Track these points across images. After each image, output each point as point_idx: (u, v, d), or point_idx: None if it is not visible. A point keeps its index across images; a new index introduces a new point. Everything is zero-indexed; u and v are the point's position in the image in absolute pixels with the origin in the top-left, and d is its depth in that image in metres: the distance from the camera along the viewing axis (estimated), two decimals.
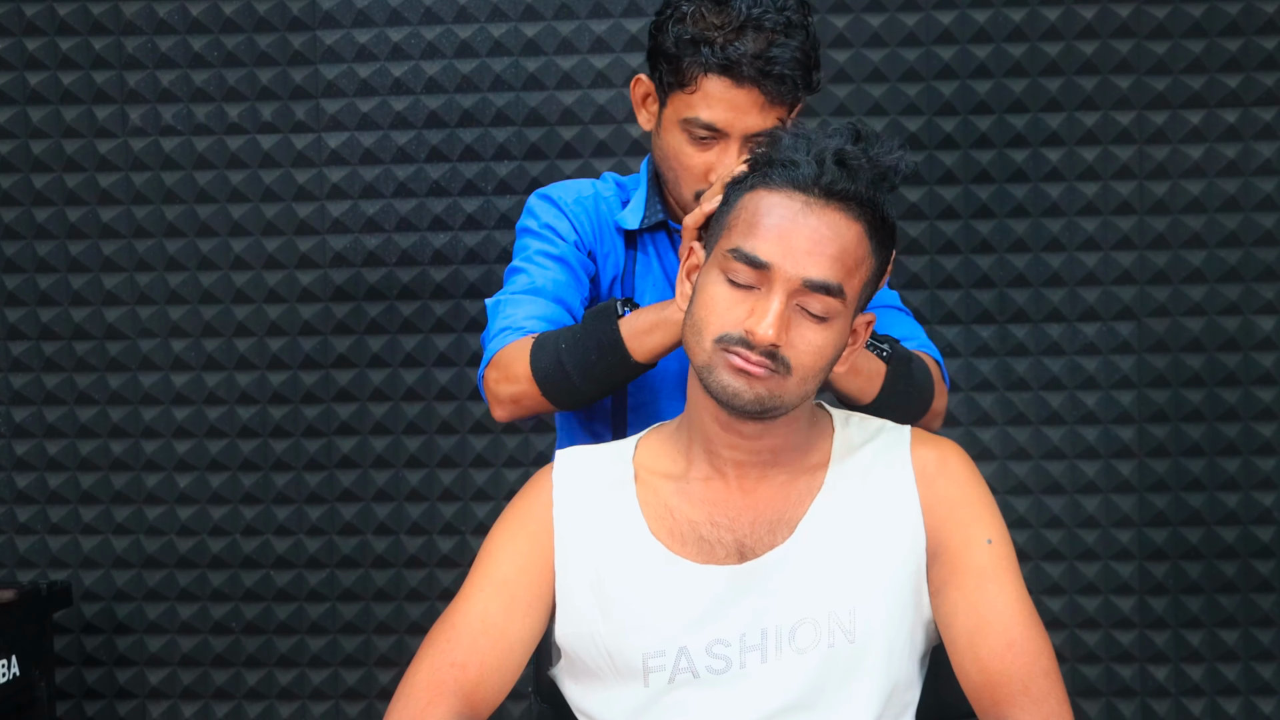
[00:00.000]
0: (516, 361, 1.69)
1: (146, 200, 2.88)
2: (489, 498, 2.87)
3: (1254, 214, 2.75)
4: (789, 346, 1.40)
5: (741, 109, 1.68)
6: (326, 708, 2.92)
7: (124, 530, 2.93)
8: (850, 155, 1.41)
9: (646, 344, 1.64)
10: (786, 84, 1.67)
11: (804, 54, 1.69)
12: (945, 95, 2.77)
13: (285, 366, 2.89)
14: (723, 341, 1.40)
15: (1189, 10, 2.72)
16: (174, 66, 2.85)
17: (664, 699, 1.46)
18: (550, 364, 1.66)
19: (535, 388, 1.67)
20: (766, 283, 1.40)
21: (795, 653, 1.44)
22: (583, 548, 1.49)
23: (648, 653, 1.45)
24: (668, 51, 1.72)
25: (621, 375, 1.67)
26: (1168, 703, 2.80)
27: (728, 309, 1.41)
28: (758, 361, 1.39)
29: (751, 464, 1.49)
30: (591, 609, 1.48)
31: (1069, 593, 2.81)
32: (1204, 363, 2.78)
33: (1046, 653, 1.44)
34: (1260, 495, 2.78)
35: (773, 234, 1.40)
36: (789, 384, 1.41)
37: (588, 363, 1.65)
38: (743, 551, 1.46)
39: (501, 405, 1.72)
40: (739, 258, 1.40)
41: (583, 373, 1.65)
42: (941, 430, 2.76)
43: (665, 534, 1.48)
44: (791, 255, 1.39)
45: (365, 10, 2.83)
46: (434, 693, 1.43)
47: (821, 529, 1.47)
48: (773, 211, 1.41)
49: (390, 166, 2.84)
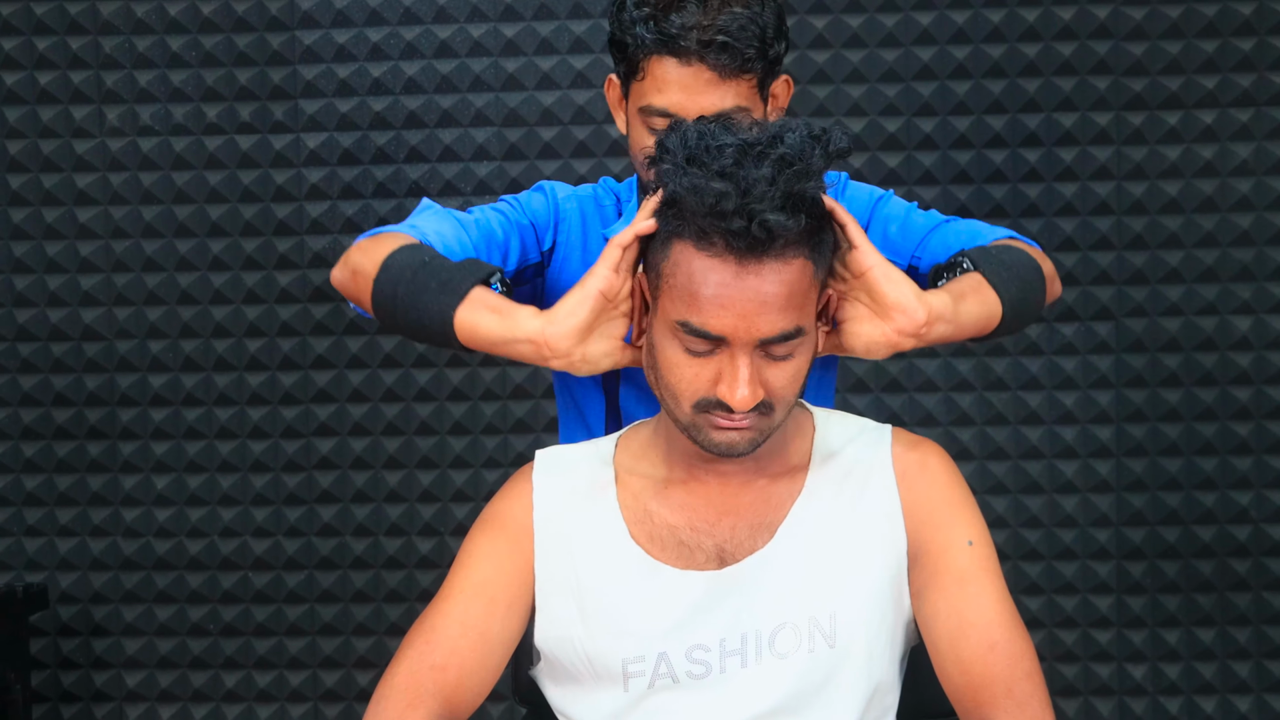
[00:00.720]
0: (381, 250, 1.54)
1: (124, 201, 2.87)
2: (468, 499, 2.87)
3: (1230, 215, 2.77)
4: (767, 392, 1.37)
5: (692, 89, 1.57)
6: (305, 709, 2.91)
7: (101, 532, 2.91)
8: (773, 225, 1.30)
9: (480, 336, 1.44)
10: (735, 55, 1.55)
11: (755, 22, 1.57)
12: (924, 96, 2.77)
13: (264, 367, 2.88)
14: (701, 406, 1.38)
15: (1166, 12, 2.74)
16: (152, 66, 2.84)
17: (644, 704, 1.45)
18: (394, 278, 1.50)
19: (369, 286, 1.53)
20: (725, 347, 1.35)
21: (775, 658, 1.43)
22: (562, 551, 1.48)
23: (627, 658, 1.44)
24: (617, 40, 1.63)
25: (445, 346, 1.51)
26: (1145, 701, 2.81)
27: (695, 375, 1.37)
28: (742, 418, 1.37)
29: (733, 472, 1.48)
30: (571, 613, 1.47)
31: (1047, 592, 2.82)
32: (1181, 362, 2.79)
33: (1029, 655, 1.43)
34: (1237, 495, 2.79)
35: (716, 304, 1.32)
36: (776, 417, 1.40)
37: (417, 306, 1.48)
38: (723, 556, 1.45)
39: (343, 271, 1.58)
40: (690, 332, 1.35)
41: (407, 313, 1.49)
42: (920, 429, 2.77)
43: (645, 538, 1.47)
44: (742, 322, 1.33)
45: (344, 10, 2.82)
46: (413, 695, 1.42)
47: (802, 533, 1.46)
48: (709, 279, 1.32)
49: (369, 167, 2.84)
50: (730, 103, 1.57)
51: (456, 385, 2.85)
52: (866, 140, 2.78)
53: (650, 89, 1.59)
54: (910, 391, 2.82)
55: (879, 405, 2.80)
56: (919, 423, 2.81)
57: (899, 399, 2.81)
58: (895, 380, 2.81)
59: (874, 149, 2.78)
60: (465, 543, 1.51)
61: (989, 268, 1.52)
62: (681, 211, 1.33)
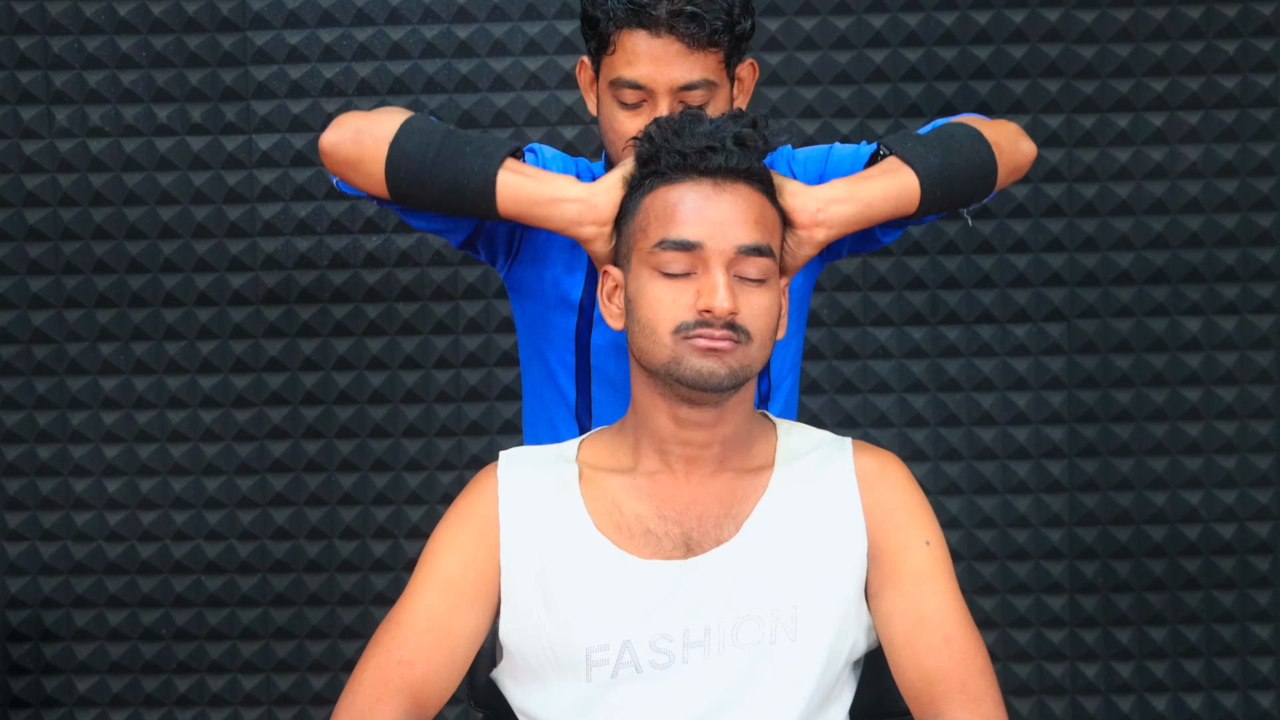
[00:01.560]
0: (385, 123, 1.59)
1: (73, 202, 2.84)
2: (423, 501, 2.86)
3: (1180, 217, 2.79)
4: (743, 315, 1.44)
5: (662, 60, 1.62)
6: (259, 713, 2.89)
7: (51, 536, 2.89)
8: (747, 136, 1.47)
9: (524, 195, 1.56)
10: (704, 25, 1.61)
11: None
12: (877, 99, 2.78)
13: (216, 370, 2.86)
14: (681, 330, 1.44)
15: (1116, 15, 2.75)
16: (101, 67, 2.82)
17: (606, 694, 1.46)
18: (420, 142, 1.56)
19: (383, 149, 1.57)
20: (701, 263, 1.44)
21: (737, 649, 1.45)
22: (528, 543, 1.50)
23: (591, 646, 1.46)
24: (588, 16, 1.68)
25: (471, 211, 1.58)
26: (1097, 700, 2.83)
27: (674, 300, 1.45)
28: (723, 335, 1.43)
29: (702, 459, 1.51)
30: (536, 603, 1.48)
31: (1001, 592, 2.83)
32: (1132, 363, 2.81)
33: (982, 653, 1.47)
34: (1187, 494, 2.81)
35: (694, 215, 1.45)
36: (752, 350, 1.46)
37: (454, 166, 1.55)
38: (689, 546, 1.48)
39: (339, 134, 1.60)
40: (669, 247, 1.45)
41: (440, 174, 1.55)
42: (874, 431, 2.79)
43: (611, 529, 1.49)
44: (720, 228, 1.45)
45: (296, 11, 2.80)
46: (381, 690, 1.44)
47: (767, 527, 1.49)
48: (685, 199, 1.46)
49: (322, 169, 2.82)
50: (698, 75, 1.63)
51: (411, 388, 2.84)
52: (820, 141, 2.78)
53: (621, 62, 1.65)
54: (864, 393, 2.82)
55: (833, 406, 2.81)
56: (873, 424, 2.82)
57: (853, 400, 2.82)
58: (849, 382, 2.82)
59: None
60: (431, 539, 1.53)
61: (901, 146, 1.63)
62: (657, 156, 1.48)
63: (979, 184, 1.67)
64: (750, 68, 1.75)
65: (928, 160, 1.62)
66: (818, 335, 2.79)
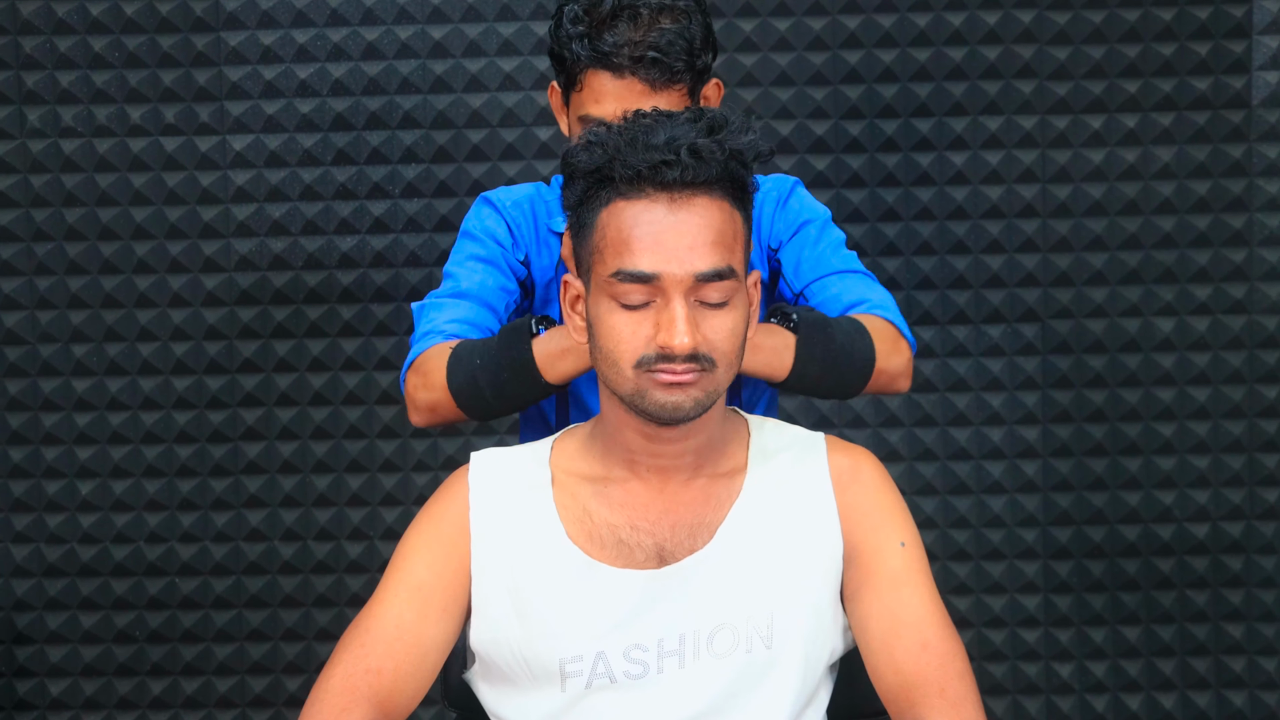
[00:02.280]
0: (435, 370, 1.67)
1: (46, 203, 2.83)
2: (398, 502, 2.86)
3: (1154, 217, 2.80)
4: (705, 343, 1.39)
5: (627, 100, 1.65)
6: (233, 715, 2.88)
7: (23, 538, 2.87)
8: (702, 147, 1.38)
9: (559, 368, 1.61)
10: (663, 69, 1.65)
11: (683, 36, 1.66)
12: (851, 99, 2.79)
13: (189, 371, 2.85)
14: (642, 364, 1.39)
15: (1089, 17, 2.76)
16: (74, 67, 2.81)
17: (580, 704, 1.45)
18: (465, 379, 1.64)
19: (451, 399, 1.66)
20: (660, 293, 1.38)
21: (713, 658, 1.44)
22: (499, 552, 1.48)
23: (564, 658, 1.45)
24: (555, 55, 1.73)
25: (534, 395, 1.64)
26: (1072, 699, 2.84)
27: (633, 333, 1.39)
28: (685, 369, 1.38)
29: (674, 468, 1.48)
30: (508, 614, 1.47)
31: (975, 592, 2.84)
32: (1106, 363, 2.82)
33: (961, 655, 1.46)
34: (1161, 494, 2.82)
35: (648, 243, 1.37)
36: (718, 375, 1.41)
37: (500, 381, 1.63)
38: (662, 555, 1.46)
39: (419, 412, 1.70)
40: (624, 279, 1.38)
41: (496, 390, 1.63)
42: (849, 431, 2.79)
43: (583, 538, 1.47)
44: (675, 257, 1.37)
45: (270, 11, 2.79)
46: (348, 699, 1.42)
47: (741, 534, 1.47)
48: (639, 221, 1.38)
49: (296, 169, 2.81)
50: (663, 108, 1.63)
51: (386, 389, 2.83)
52: (795, 143, 2.79)
53: (588, 100, 1.69)
54: None
55: (809, 407, 2.81)
56: (848, 424, 2.83)
57: (827, 400, 2.82)
58: None
59: (802, 151, 2.79)
60: (400, 544, 1.51)
61: (805, 330, 1.63)
62: (611, 171, 1.39)
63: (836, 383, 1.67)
64: (715, 87, 1.78)
65: (811, 352, 1.62)
66: None
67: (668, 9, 1.67)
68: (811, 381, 1.64)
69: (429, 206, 2.81)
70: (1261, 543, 2.82)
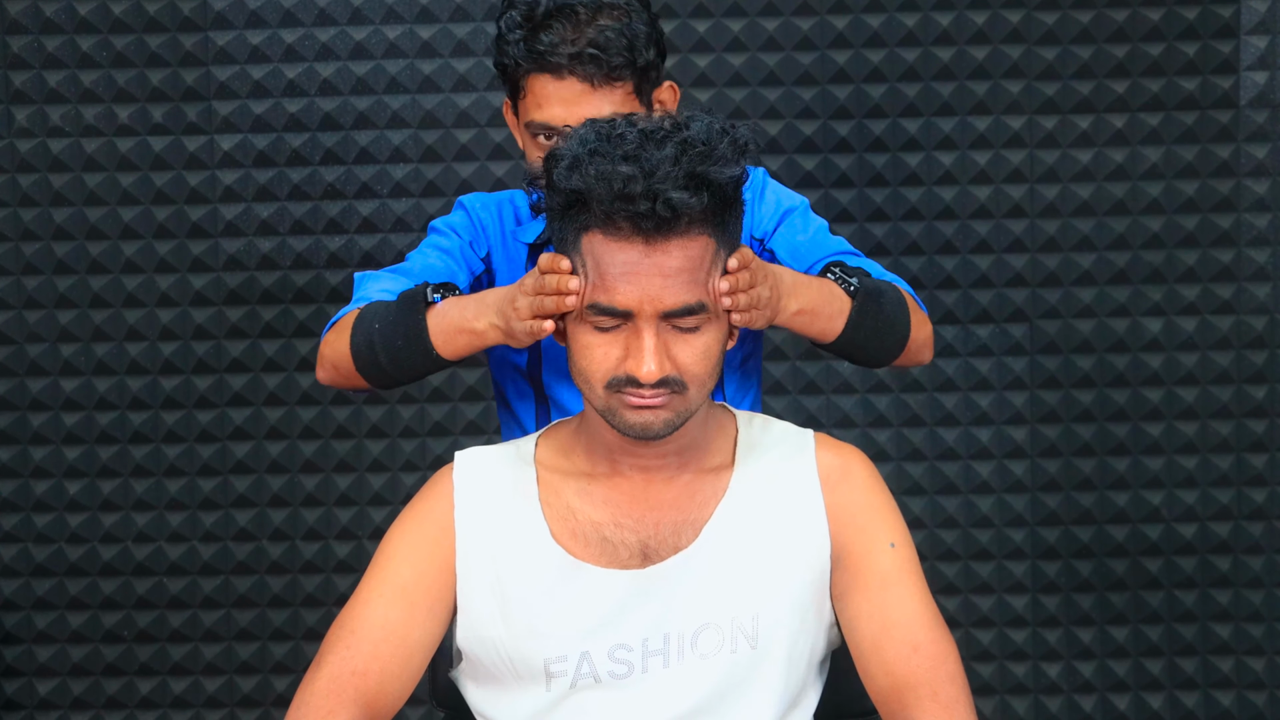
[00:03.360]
0: (345, 329, 1.67)
1: (34, 203, 2.83)
2: (386, 502, 2.85)
3: (1141, 217, 2.80)
4: (675, 367, 1.39)
5: (569, 101, 1.64)
6: (222, 715, 2.88)
7: (11, 538, 2.87)
8: (678, 203, 1.35)
9: (454, 344, 1.60)
10: (602, 65, 1.63)
11: (623, 33, 1.64)
12: (839, 99, 2.79)
13: (178, 371, 2.85)
14: (613, 385, 1.39)
15: (1077, 17, 2.76)
16: (61, 67, 2.80)
17: (565, 703, 1.45)
18: (364, 340, 1.63)
19: (351, 361, 1.65)
20: (631, 322, 1.38)
21: (698, 658, 1.44)
22: (484, 552, 1.48)
23: (549, 658, 1.45)
24: (499, 64, 1.71)
25: (426, 366, 1.63)
26: (1060, 699, 2.84)
27: (605, 354, 1.39)
28: (653, 394, 1.38)
29: (656, 467, 1.48)
30: (493, 614, 1.47)
31: (964, 592, 2.84)
32: (1094, 364, 2.82)
33: (953, 657, 1.45)
34: (1149, 494, 2.83)
35: (623, 281, 1.37)
36: (689, 397, 1.41)
37: (394, 347, 1.62)
38: (646, 554, 1.46)
39: (323, 368, 1.70)
40: (598, 312, 1.38)
41: (390, 356, 1.62)
42: (838, 431, 2.79)
43: (568, 537, 1.47)
44: (647, 295, 1.37)
45: (258, 11, 2.79)
46: (334, 701, 1.42)
47: (726, 533, 1.47)
48: (615, 259, 1.37)
49: (284, 169, 2.81)
50: (608, 110, 1.64)
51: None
52: (783, 143, 2.79)
53: (532, 105, 1.67)
54: (828, 394, 2.83)
55: (797, 407, 2.82)
56: (836, 424, 2.83)
57: (816, 400, 2.83)
58: (813, 383, 2.83)
59: (790, 152, 2.79)
60: (384, 543, 1.50)
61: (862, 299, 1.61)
62: (589, 203, 1.37)
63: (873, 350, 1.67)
64: (670, 90, 1.75)
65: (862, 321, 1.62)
66: (780, 336, 2.80)
67: (606, 8, 1.65)
68: (854, 348, 1.64)
69: (417, 206, 2.81)
70: (1249, 543, 2.83)
